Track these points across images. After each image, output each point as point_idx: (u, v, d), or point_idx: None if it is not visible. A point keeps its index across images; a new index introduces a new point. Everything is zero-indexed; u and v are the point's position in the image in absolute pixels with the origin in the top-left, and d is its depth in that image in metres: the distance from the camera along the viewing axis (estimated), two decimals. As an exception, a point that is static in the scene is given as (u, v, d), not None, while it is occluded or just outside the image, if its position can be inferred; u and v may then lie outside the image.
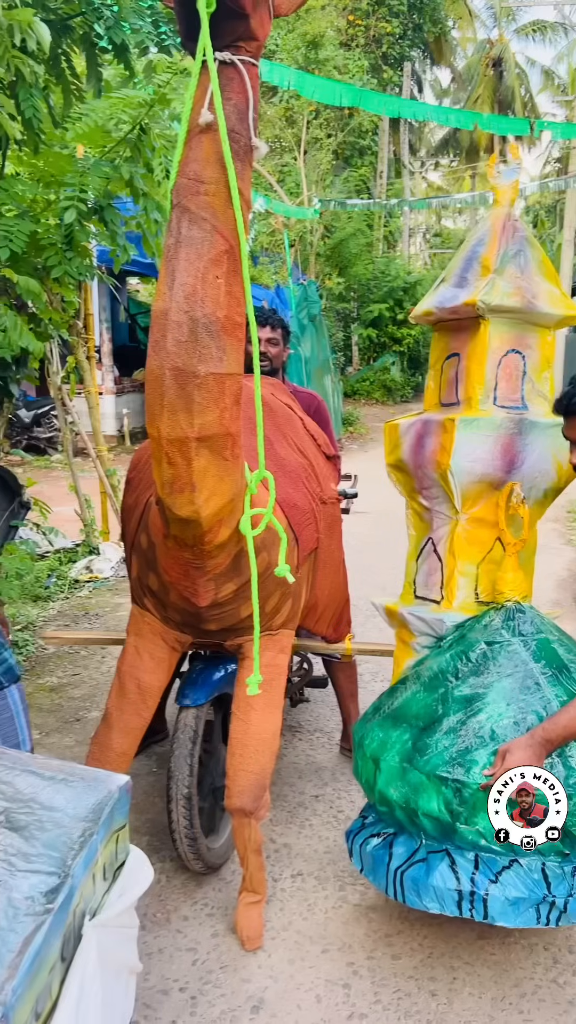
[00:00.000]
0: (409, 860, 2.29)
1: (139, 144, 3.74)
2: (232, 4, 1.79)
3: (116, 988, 1.49)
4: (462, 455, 2.39)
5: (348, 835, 2.54)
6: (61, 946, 1.30)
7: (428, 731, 2.30)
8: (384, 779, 2.33)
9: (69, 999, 1.30)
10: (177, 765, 2.50)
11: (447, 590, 2.53)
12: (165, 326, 1.88)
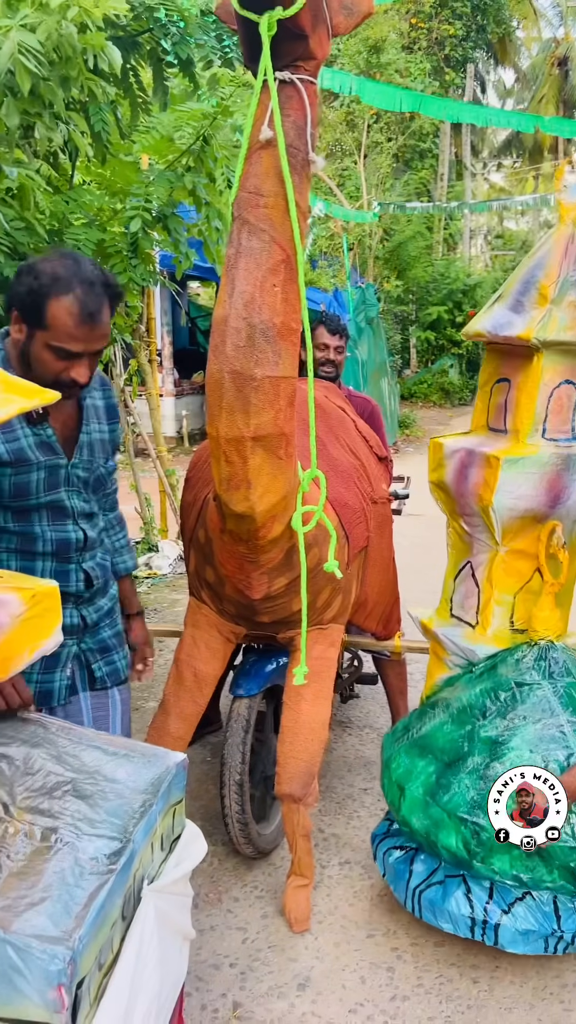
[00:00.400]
0: (427, 880, 2.40)
1: (202, 154, 3.87)
2: (292, 26, 1.88)
3: (171, 950, 1.60)
4: (505, 493, 2.39)
5: (374, 838, 2.66)
6: (122, 905, 1.41)
7: (452, 768, 2.37)
8: (407, 807, 2.42)
9: (129, 954, 1.41)
10: (230, 753, 2.61)
11: (483, 616, 2.58)
12: (225, 332, 1.98)
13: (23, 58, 2.10)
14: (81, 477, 2.02)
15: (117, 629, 2.22)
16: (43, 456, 1.92)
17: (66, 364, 1.83)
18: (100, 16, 2.24)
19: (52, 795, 1.49)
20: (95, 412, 2.08)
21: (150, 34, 3.74)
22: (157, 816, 1.56)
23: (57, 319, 1.78)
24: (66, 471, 1.97)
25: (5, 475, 1.89)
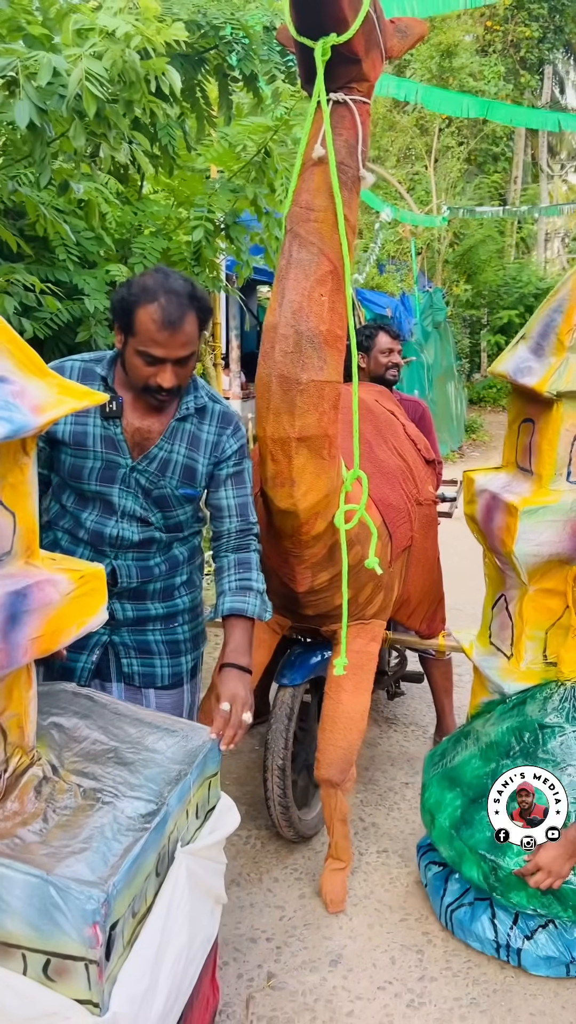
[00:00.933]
0: (459, 900, 2.52)
1: (263, 166, 4.01)
2: (346, 51, 2.00)
3: (202, 909, 1.73)
4: (526, 541, 2.43)
5: (419, 849, 2.79)
6: (156, 862, 1.54)
7: (476, 804, 2.46)
8: (436, 836, 2.54)
9: (161, 907, 1.54)
10: (273, 739, 2.73)
11: (516, 650, 2.63)
12: (274, 338, 2.11)
13: (90, 84, 2.27)
14: (141, 484, 2.07)
15: (174, 639, 2.22)
16: (103, 449, 2.04)
17: (153, 370, 1.93)
18: (161, 43, 2.40)
19: (97, 760, 1.64)
20: (188, 437, 2.10)
21: (216, 51, 3.90)
22: (191, 785, 1.69)
23: (142, 325, 1.90)
24: (125, 471, 2.06)
25: (67, 454, 2.04)
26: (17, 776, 1.51)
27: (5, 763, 1.50)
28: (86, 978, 1.34)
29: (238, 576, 2.14)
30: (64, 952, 1.34)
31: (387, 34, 2.20)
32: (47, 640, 1.41)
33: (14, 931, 1.35)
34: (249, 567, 2.17)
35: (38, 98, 2.32)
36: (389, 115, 14.32)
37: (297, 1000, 2.28)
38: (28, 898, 1.33)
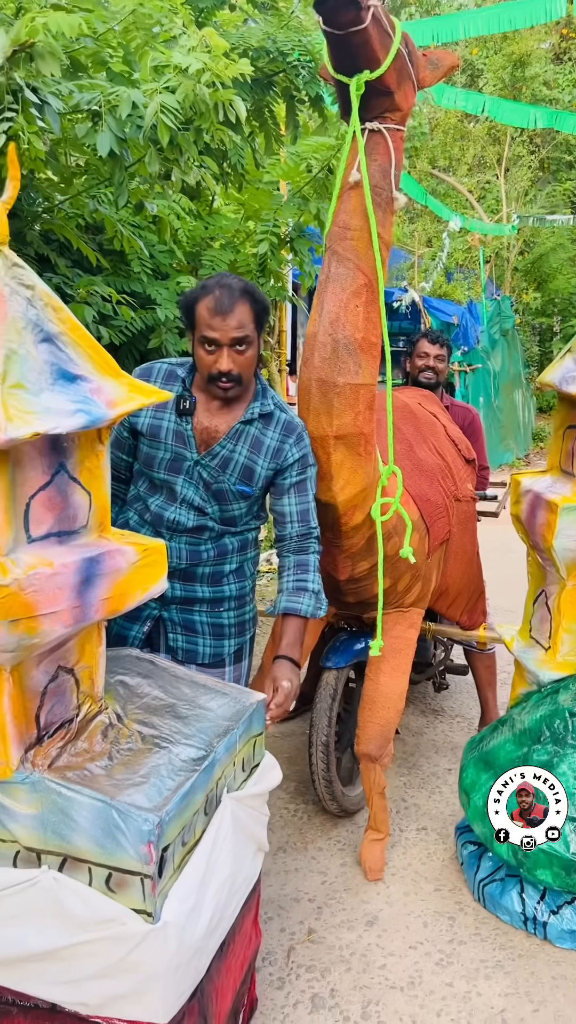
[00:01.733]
0: (491, 876, 2.70)
1: (327, 182, 4.24)
2: (379, 85, 2.23)
3: (245, 852, 1.94)
4: (565, 536, 2.57)
5: (457, 829, 2.98)
6: (204, 801, 1.77)
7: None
8: (471, 814, 2.71)
9: (207, 841, 1.77)
10: (318, 716, 2.94)
11: (553, 642, 2.78)
12: (313, 345, 2.34)
13: (164, 116, 2.52)
14: (203, 477, 2.27)
15: (218, 622, 2.39)
16: (174, 442, 2.26)
17: (213, 356, 2.16)
18: (229, 77, 2.63)
19: (155, 713, 1.88)
20: (251, 440, 2.26)
21: (284, 74, 4.15)
22: (238, 739, 1.91)
23: (200, 315, 2.14)
24: (190, 464, 2.27)
25: (144, 444, 2.29)
26: (87, 720, 1.75)
27: (77, 708, 1.74)
28: (141, 891, 1.57)
29: (295, 577, 2.33)
30: (123, 867, 1.57)
31: (419, 66, 2.41)
32: (115, 601, 1.65)
33: (82, 847, 1.59)
34: (307, 569, 2.34)
35: (118, 128, 2.59)
36: (460, 125, 14.40)
37: (334, 953, 2.48)
38: (94, 819, 1.57)
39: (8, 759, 1.59)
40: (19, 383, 1.44)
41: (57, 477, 1.59)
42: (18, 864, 1.64)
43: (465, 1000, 2.31)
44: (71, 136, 2.82)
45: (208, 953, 1.76)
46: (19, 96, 2.39)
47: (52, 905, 1.59)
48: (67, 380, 1.54)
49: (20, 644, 1.48)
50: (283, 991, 2.33)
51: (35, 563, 1.49)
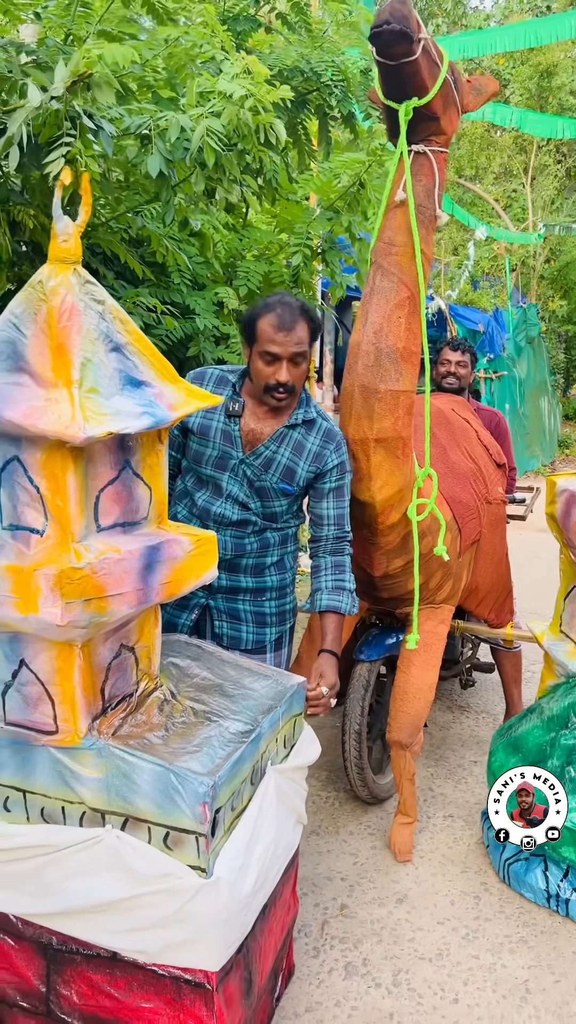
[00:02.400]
0: (516, 856, 2.83)
1: (357, 196, 4.40)
2: (426, 111, 2.38)
3: (287, 822, 2.09)
4: None
5: (484, 815, 3.11)
6: (251, 771, 1.92)
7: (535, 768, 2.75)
8: None
9: (253, 808, 1.92)
10: (351, 706, 3.09)
11: None
12: (357, 353, 2.49)
13: (210, 139, 2.69)
14: (247, 474, 2.44)
15: (260, 611, 2.56)
16: (221, 441, 2.43)
17: (272, 368, 2.32)
18: (270, 102, 2.80)
19: (205, 691, 2.04)
20: (293, 443, 2.42)
21: (317, 92, 4.32)
22: (280, 717, 2.07)
23: (263, 331, 2.31)
24: (236, 462, 2.44)
25: (193, 441, 2.46)
26: (145, 696, 1.92)
27: (137, 684, 1.91)
28: (196, 848, 1.73)
29: (335, 577, 2.49)
30: (180, 826, 1.73)
31: (463, 92, 2.56)
32: (172, 586, 1.82)
33: (143, 808, 1.75)
34: (344, 569, 2.51)
35: (166, 151, 2.76)
36: (487, 134, 14.53)
37: (366, 927, 2.62)
38: (154, 783, 1.73)
39: (77, 728, 1.76)
40: (94, 388, 1.62)
41: (123, 473, 1.76)
42: (84, 824, 1.80)
43: (490, 971, 2.45)
44: (122, 158, 3.00)
45: (254, 910, 1.91)
46: (77, 122, 2.57)
47: (115, 860, 1.75)
48: (134, 385, 1.72)
49: (91, 621, 1.65)
50: (318, 959, 2.48)
51: (105, 549, 1.66)
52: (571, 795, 2.61)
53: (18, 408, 1.58)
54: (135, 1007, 1.84)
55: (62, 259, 1.69)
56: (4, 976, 1.94)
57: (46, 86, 2.52)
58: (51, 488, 1.64)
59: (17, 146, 2.47)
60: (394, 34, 2.14)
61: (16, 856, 1.83)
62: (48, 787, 1.81)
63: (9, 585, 1.62)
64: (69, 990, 1.89)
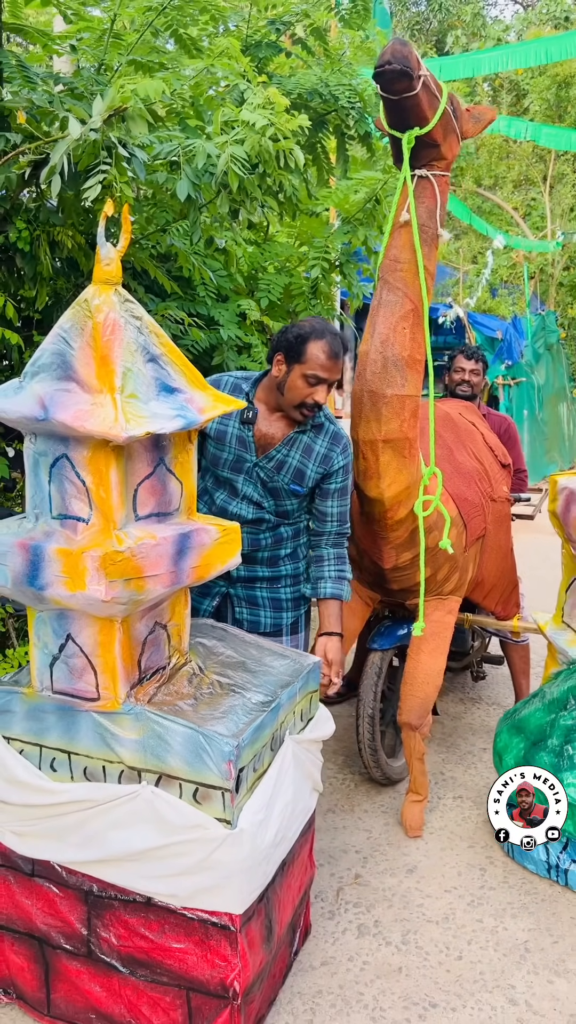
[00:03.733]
0: None
1: (373, 211, 4.62)
2: (427, 139, 2.60)
3: (304, 787, 2.30)
4: None
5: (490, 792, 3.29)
6: (271, 738, 2.14)
7: (536, 747, 2.97)
8: (503, 772, 3.01)
9: (273, 770, 2.13)
10: (365, 692, 3.30)
11: None
12: (365, 362, 2.71)
13: (233, 165, 2.92)
14: (260, 476, 2.66)
15: (276, 597, 2.79)
16: (236, 446, 2.66)
17: (311, 390, 2.52)
18: (289, 130, 3.03)
19: (229, 667, 2.26)
20: (303, 446, 2.63)
21: (335, 113, 4.55)
22: (297, 692, 2.28)
23: (313, 355, 2.50)
24: (250, 465, 2.66)
25: (211, 446, 2.67)
26: (176, 669, 2.14)
27: (169, 658, 2.13)
28: (222, 802, 1.94)
29: (337, 568, 2.74)
30: (208, 783, 1.95)
31: (463, 120, 2.78)
32: (201, 570, 2.04)
33: (175, 766, 1.97)
34: (344, 560, 2.76)
35: (194, 176, 3.00)
36: (505, 144, 14.73)
37: (378, 894, 2.82)
38: (185, 743, 1.95)
39: (117, 695, 1.99)
40: (133, 394, 1.85)
41: (158, 469, 1.99)
42: (122, 781, 2.03)
43: (493, 933, 2.64)
44: (153, 181, 3.24)
45: (274, 862, 2.13)
46: (112, 151, 2.81)
47: (150, 813, 1.97)
48: (168, 392, 1.95)
49: (131, 599, 1.87)
50: (333, 921, 2.68)
51: (142, 536, 1.89)
52: (568, 771, 2.80)
53: (68, 411, 1.81)
54: (167, 947, 2.05)
55: (105, 280, 1.92)
56: (49, 921, 2.17)
57: (84, 119, 2.77)
58: (96, 482, 1.88)
59: (58, 174, 2.72)
60: (395, 73, 2.36)
61: (62, 811, 2.05)
62: (91, 748, 2.03)
63: (60, 566, 1.85)
64: (108, 933, 2.11)
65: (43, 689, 2.08)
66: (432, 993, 2.39)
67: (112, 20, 3.40)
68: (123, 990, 2.12)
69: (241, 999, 2.02)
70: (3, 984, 2.29)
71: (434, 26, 18.97)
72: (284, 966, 2.41)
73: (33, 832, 2.11)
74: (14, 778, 2.08)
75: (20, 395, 1.90)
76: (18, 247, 2.97)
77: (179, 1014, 2.07)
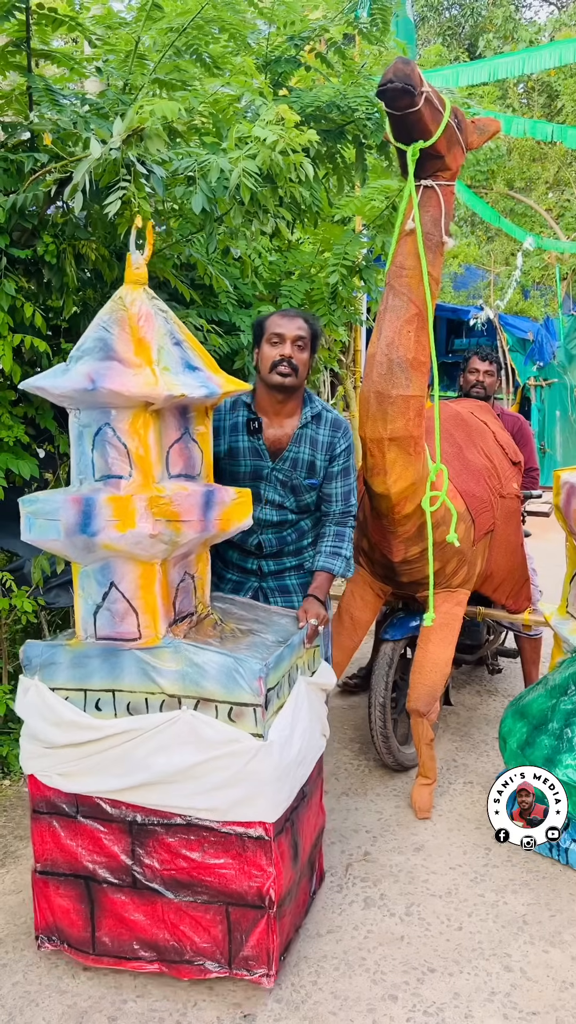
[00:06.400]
0: None
1: (391, 218, 4.76)
2: (432, 151, 2.73)
3: (315, 727, 2.54)
4: None
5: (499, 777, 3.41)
6: (288, 670, 2.38)
7: (538, 730, 3.08)
8: (508, 756, 3.17)
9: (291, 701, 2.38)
10: (377, 680, 3.44)
11: None
12: (372, 364, 2.85)
13: (246, 179, 3.09)
14: (279, 479, 2.85)
15: (304, 582, 2.96)
16: (250, 457, 2.84)
17: (278, 349, 2.73)
18: (299, 145, 3.19)
19: (245, 622, 2.52)
20: (309, 440, 2.83)
21: (353, 124, 4.70)
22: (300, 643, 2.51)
23: (270, 320, 2.79)
24: (268, 471, 2.84)
25: (225, 464, 2.84)
26: (201, 618, 2.42)
27: (195, 606, 2.42)
28: (254, 718, 2.19)
29: (333, 544, 2.89)
30: (241, 701, 2.18)
31: (467, 132, 2.91)
32: (223, 523, 2.33)
33: (211, 690, 2.21)
34: (343, 538, 2.90)
35: (209, 190, 3.17)
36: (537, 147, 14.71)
37: (385, 870, 2.96)
38: (220, 669, 2.19)
39: (157, 631, 2.26)
40: (166, 367, 2.18)
41: (184, 435, 2.34)
42: (163, 709, 2.26)
43: (493, 907, 2.77)
44: (171, 196, 3.43)
45: (298, 780, 2.39)
46: (131, 169, 3.00)
47: (190, 734, 2.21)
48: (191, 369, 2.27)
49: (171, 539, 2.17)
50: (341, 893, 2.83)
51: (176, 488, 2.22)
52: (568, 753, 2.91)
53: (114, 380, 2.14)
54: (207, 865, 2.28)
55: (135, 281, 2.29)
56: (94, 858, 2.38)
57: (105, 139, 2.96)
58: (136, 443, 2.21)
59: (81, 191, 2.91)
60: (397, 91, 2.50)
61: (107, 745, 2.28)
62: (134, 684, 2.28)
63: (111, 511, 2.16)
64: (152, 859, 2.32)
65: (87, 637, 2.33)
66: (431, 959, 2.52)
67: (136, 42, 3.60)
68: (166, 914, 2.34)
69: (276, 908, 2.25)
70: (47, 931, 2.49)
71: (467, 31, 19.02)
72: (306, 899, 2.64)
73: (79, 770, 2.33)
74: (61, 720, 2.31)
75: (67, 375, 2.20)
76: (45, 260, 3.16)
77: (219, 930, 2.30)
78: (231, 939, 2.31)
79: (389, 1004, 2.34)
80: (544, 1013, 2.32)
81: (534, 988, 2.41)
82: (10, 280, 3.03)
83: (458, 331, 14.77)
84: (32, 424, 3.39)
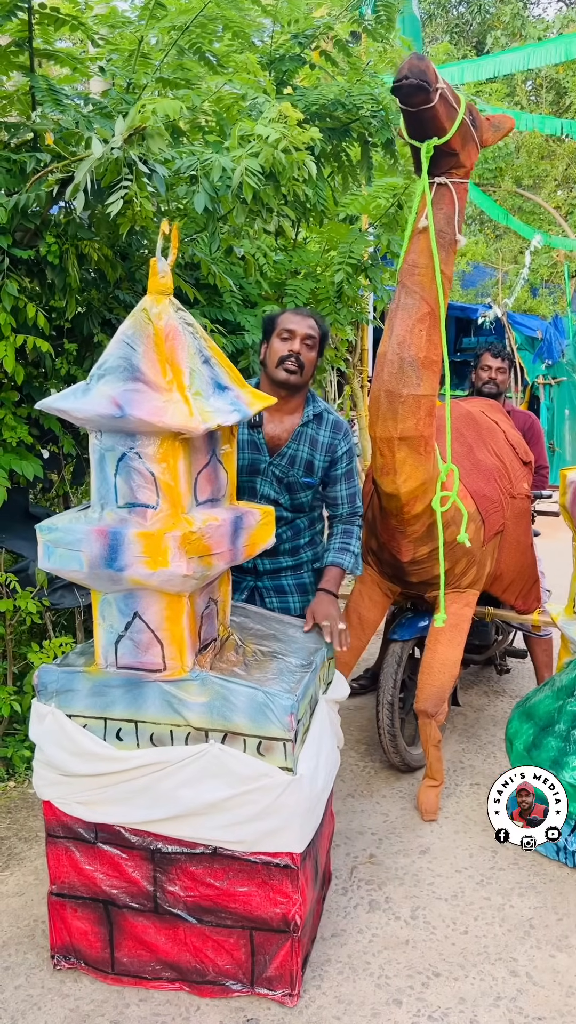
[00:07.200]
0: None
1: (396, 216, 4.74)
2: (446, 148, 2.69)
3: (333, 742, 2.51)
4: None
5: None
6: (311, 696, 2.34)
7: (544, 732, 3.06)
8: (514, 758, 3.15)
9: (315, 724, 2.36)
10: (385, 679, 3.42)
11: None
12: (383, 363, 2.82)
13: (248, 178, 3.07)
14: (276, 474, 2.85)
15: (301, 582, 3.00)
16: (249, 451, 2.83)
17: (287, 344, 2.76)
18: (302, 143, 3.17)
19: (264, 639, 2.50)
20: (309, 439, 2.85)
21: (358, 122, 4.68)
22: (323, 657, 2.48)
23: (281, 319, 2.79)
24: (265, 465, 2.84)
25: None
26: (223, 641, 2.38)
27: (218, 630, 2.38)
28: (284, 752, 2.15)
29: (341, 541, 2.91)
30: (270, 735, 2.14)
31: (482, 129, 2.86)
32: (249, 548, 2.28)
33: (239, 723, 2.16)
34: (351, 535, 2.92)
35: (211, 189, 3.15)
36: (546, 144, 14.65)
37: (390, 872, 2.94)
38: (248, 702, 2.14)
39: (183, 663, 2.21)
40: (198, 392, 2.08)
41: (212, 459, 2.25)
42: (189, 742, 2.22)
43: (499, 910, 2.74)
44: (173, 196, 3.41)
45: (323, 805, 2.35)
46: (133, 168, 2.98)
47: (219, 768, 2.17)
48: (221, 389, 2.18)
49: (202, 574, 2.10)
50: (346, 896, 2.81)
51: (206, 518, 2.13)
52: (574, 755, 2.88)
53: (143, 408, 2.02)
54: (232, 892, 2.25)
55: (160, 291, 2.16)
56: (116, 884, 2.34)
57: (107, 139, 2.94)
58: (164, 471, 2.11)
59: (83, 191, 2.89)
60: (412, 87, 2.46)
61: (131, 776, 2.23)
62: (158, 715, 2.22)
63: (140, 547, 2.06)
64: (174, 886, 2.29)
65: (108, 665, 2.26)
66: (436, 963, 2.50)
67: (140, 41, 3.58)
68: (188, 938, 2.31)
69: (300, 931, 2.24)
70: (64, 951, 2.44)
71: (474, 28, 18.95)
72: (320, 908, 2.64)
73: (101, 799, 2.27)
74: (82, 750, 2.25)
75: (89, 396, 2.07)
76: (48, 260, 3.15)
77: (242, 953, 2.28)
78: (254, 961, 2.29)
79: (393, 1009, 2.32)
80: (550, 1018, 2.29)
81: (540, 993, 2.39)
82: (12, 280, 3.02)
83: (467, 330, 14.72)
84: (36, 425, 3.39)
